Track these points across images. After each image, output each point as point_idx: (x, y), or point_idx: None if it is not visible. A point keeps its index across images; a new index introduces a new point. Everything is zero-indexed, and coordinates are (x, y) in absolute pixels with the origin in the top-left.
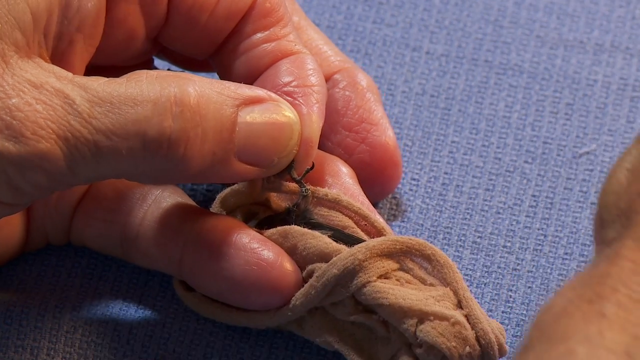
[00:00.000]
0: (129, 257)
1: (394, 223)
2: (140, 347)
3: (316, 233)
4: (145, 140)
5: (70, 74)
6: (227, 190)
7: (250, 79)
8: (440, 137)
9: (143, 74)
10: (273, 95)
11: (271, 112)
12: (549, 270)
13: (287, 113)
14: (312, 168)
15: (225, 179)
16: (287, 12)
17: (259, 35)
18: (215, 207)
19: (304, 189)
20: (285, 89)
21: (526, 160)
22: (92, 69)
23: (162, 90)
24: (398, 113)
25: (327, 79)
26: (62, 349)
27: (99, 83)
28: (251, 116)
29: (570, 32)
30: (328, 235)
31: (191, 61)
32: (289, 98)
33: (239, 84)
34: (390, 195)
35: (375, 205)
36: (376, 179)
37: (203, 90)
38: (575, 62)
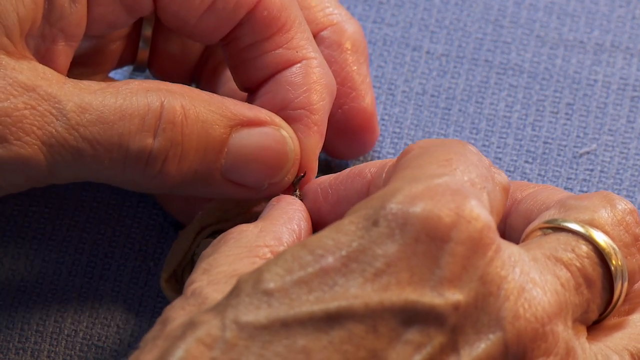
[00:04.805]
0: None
1: None
2: None
3: None
4: (127, 154)
5: (63, 77)
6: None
7: (252, 88)
8: (441, 136)
9: (135, 85)
10: (277, 119)
11: (269, 137)
12: None
13: (286, 140)
14: (304, 175)
15: (209, 194)
16: (291, 14)
17: (259, 44)
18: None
19: (295, 194)
20: (283, 113)
21: (527, 160)
22: None
23: (151, 104)
24: (398, 113)
25: (315, 36)
26: (63, 351)
27: (91, 91)
28: (246, 139)
29: (571, 32)
30: None
31: None
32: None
33: (242, 103)
34: None
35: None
36: (351, 143)
37: (193, 107)
38: (575, 62)
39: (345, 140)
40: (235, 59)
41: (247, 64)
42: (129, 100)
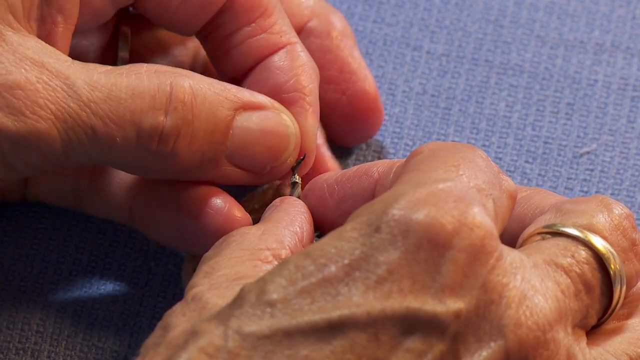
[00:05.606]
0: (83, 208)
1: None
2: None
3: None
4: (140, 132)
5: (67, 57)
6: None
7: (238, 78)
8: (441, 136)
9: (143, 67)
10: (276, 103)
11: (270, 121)
12: None
13: (287, 123)
14: (304, 158)
15: (214, 179)
16: (271, 0)
17: (242, 30)
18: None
19: (294, 177)
20: (277, 97)
21: (527, 160)
22: None
23: (160, 84)
24: (399, 113)
25: (301, 29)
26: (63, 352)
27: (99, 71)
28: (248, 122)
29: (571, 32)
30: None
31: None
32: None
33: (241, 88)
34: None
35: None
36: (358, 127)
37: (200, 88)
38: (575, 62)
39: (352, 125)
40: (219, 48)
41: (232, 52)
42: (139, 79)
